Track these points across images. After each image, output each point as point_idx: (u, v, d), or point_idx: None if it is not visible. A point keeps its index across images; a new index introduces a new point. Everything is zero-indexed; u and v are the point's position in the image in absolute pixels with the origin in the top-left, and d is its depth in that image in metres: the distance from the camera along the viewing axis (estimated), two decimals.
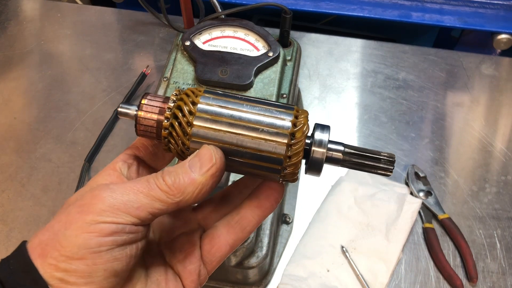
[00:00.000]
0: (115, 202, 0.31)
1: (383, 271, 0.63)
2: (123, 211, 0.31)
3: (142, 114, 0.35)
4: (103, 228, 0.30)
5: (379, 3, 0.91)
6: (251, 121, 0.34)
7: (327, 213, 0.68)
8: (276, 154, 0.33)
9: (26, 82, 0.86)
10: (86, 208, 0.31)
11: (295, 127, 0.34)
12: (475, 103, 0.83)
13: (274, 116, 0.34)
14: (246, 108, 0.34)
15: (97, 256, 0.30)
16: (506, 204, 0.71)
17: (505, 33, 0.87)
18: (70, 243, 0.30)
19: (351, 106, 0.82)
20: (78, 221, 0.30)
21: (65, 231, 0.30)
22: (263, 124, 0.34)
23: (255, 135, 0.33)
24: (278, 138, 0.33)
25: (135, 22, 0.93)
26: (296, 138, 0.34)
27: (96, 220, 0.30)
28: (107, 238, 0.30)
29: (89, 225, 0.30)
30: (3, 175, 0.74)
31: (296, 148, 0.34)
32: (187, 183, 0.32)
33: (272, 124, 0.33)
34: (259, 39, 0.64)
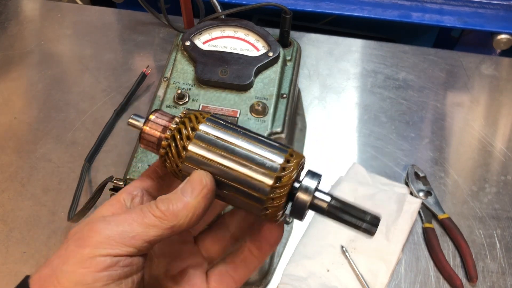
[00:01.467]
0: (110, 234, 0.31)
1: (383, 271, 0.63)
2: (119, 241, 0.31)
3: (147, 129, 0.37)
4: (98, 263, 0.30)
5: (379, 3, 0.91)
6: (242, 157, 0.34)
7: None
8: (260, 194, 0.34)
9: (26, 82, 0.86)
10: (83, 242, 0.31)
11: (283, 171, 0.34)
12: (475, 103, 0.83)
13: (266, 157, 0.34)
14: (241, 143, 0.35)
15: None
16: (506, 204, 0.71)
17: (505, 33, 0.87)
18: (67, 279, 0.30)
19: (351, 106, 0.82)
20: (75, 256, 0.31)
21: (62, 267, 0.31)
22: (254, 162, 0.34)
23: (243, 171, 0.34)
24: (264, 178, 0.34)
25: (135, 22, 0.94)
26: (282, 182, 0.34)
27: (93, 254, 0.31)
28: (103, 273, 0.30)
29: (86, 260, 0.31)
30: (3, 175, 0.74)
31: (280, 192, 0.34)
32: (180, 207, 0.33)
33: (262, 164, 0.34)
34: (259, 39, 0.64)
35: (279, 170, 0.34)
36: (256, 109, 0.59)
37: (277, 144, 0.36)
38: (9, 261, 0.66)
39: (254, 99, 0.60)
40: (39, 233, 0.68)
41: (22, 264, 0.66)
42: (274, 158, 0.34)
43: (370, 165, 0.75)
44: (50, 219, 0.69)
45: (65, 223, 0.68)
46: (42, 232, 0.68)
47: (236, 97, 0.60)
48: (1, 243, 0.67)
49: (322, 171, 0.34)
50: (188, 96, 0.60)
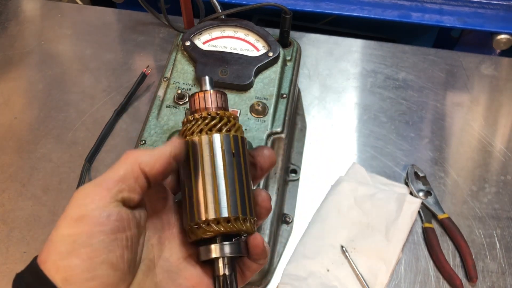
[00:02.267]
0: (92, 183, 0.33)
1: (383, 271, 0.63)
2: (102, 188, 0.33)
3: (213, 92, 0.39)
4: (90, 219, 0.31)
5: (379, 3, 0.91)
6: (216, 181, 0.36)
7: (327, 213, 0.68)
8: (196, 215, 0.36)
9: (26, 82, 0.86)
10: (69, 207, 0.32)
11: (225, 221, 0.35)
12: (475, 103, 0.83)
13: (229, 198, 0.36)
14: (227, 173, 0.36)
15: (90, 250, 0.30)
16: (505, 204, 0.71)
17: (505, 33, 0.87)
18: (62, 242, 0.31)
19: (351, 106, 0.82)
20: (66, 219, 0.32)
21: (56, 231, 0.32)
22: (219, 193, 0.36)
23: (206, 189, 0.36)
24: (210, 209, 0.35)
25: (135, 22, 0.94)
26: (213, 227, 0.35)
27: (82, 212, 0.31)
28: (95, 228, 0.31)
29: (76, 221, 0.31)
30: (4, 175, 0.74)
31: (204, 231, 0.35)
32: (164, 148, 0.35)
33: (221, 200, 0.35)
34: (259, 39, 0.65)
35: (227, 218, 0.35)
36: (256, 109, 0.59)
37: (248, 205, 0.37)
38: (10, 261, 0.66)
39: (254, 99, 0.60)
40: (40, 233, 0.68)
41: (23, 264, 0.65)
42: (233, 208, 0.35)
43: (370, 165, 0.75)
44: (51, 219, 0.69)
45: None
46: (42, 232, 0.68)
47: (236, 97, 0.60)
48: (2, 243, 0.67)
49: (322, 171, 0.34)
50: (188, 96, 0.60)
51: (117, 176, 0.33)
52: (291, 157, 0.75)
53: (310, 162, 0.75)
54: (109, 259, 0.31)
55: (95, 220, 0.31)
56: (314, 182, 0.73)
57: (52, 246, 0.31)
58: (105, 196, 0.32)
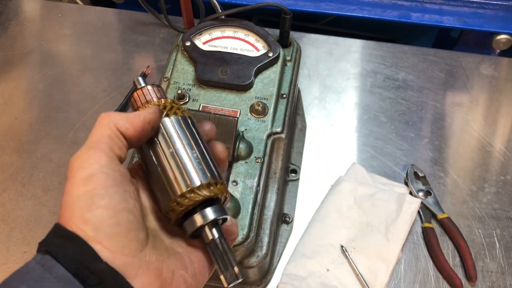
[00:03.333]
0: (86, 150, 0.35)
1: (383, 270, 0.63)
2: (99, 141, 0.35)
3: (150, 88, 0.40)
4: (99, 176, 0.33)
5: (378, 4, 0.91)
6: (183, 156, 0.37)
7: (327, 213, 0.69)
8: (171, 192, 0.37)
9: (27, 82, 0.86)
10: (73, 171, 0.34)
11: (200, 189, 0.37)
12: (475, 103, 0.83)
13: (197, 170, 0.37)
14: (191, 149, 0.38)
15: (109, 200, 0.32)
16: (505, 204, 0.71)
17: (504, 33, 0.88)
18: (81, 199, 0.32)
19: (351, 106, 0.82)
20: (74, 181, 0.33)
21: (69, 194, 0.33)
22: (186, 166, 0.37)
23: (174, 167, 0.37)
24: (183, 183, 0.36)
25: (136, 23, 0.94)
26: (189, 197, 0.36)
27: (89, 172, 0.33)
28: (107, 183, 0.33)
29: (86, 180, 0.33)
30: (4, 175, 0.74)
31: (185, 202, 0.36)
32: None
33: (190, 173, 0.37)
34: (259, 40, 0.65)
35: (199, 186, 0.36)
36: (256, 109, 0.59)
37: (215, 170, 0.38)
38: (10, 261, 0.66)
39: (254, 99, 0.61)
40: (40, 233, 0.68)
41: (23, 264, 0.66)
42: (202, 176, 0.37)
43: (370, 165, 0.75)
44: (51, 219, 0.70)
45: None
46: (42, 232, 0.68)
47: (236, 97, 0.61)
48: (2, 242, 0.68)
49: (322, 171, 0.34)
50: (188, 96, 0.60)
51: (103, 137, 0.35)
52: (291, 157, 0.75)
53: (310, 162, 0.75)
54: (128, 207, 0.33)
55: (104, 176, 0.33)
56: (314, 182, 0.73)
57: (72, 206, 0.32)
58: (102, 156, 0.34)
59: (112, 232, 0.32)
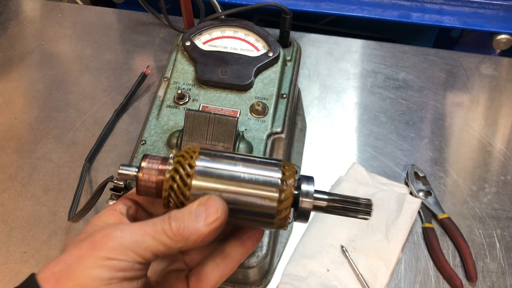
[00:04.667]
0: (124, 242, 0.33)
1: (383, 270, 0.63)
2: (132, 250, 0.33)
3: (143, 176, 0.37)
4: (115, 264, 0.32)
5: (379, 4, 0.91)
6: (245, 181, 0.36)
7: None
8: (269, 210, 0.36)
9: (27, 82, 0.86)
10: (98, 245, 0.33)
11: (284, 184, 0.37)
12: (475, 103, 0.83)
13: (265, 175, 0.37)
14: (240, 168, 0.37)
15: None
16: (505, 204, 0.71)
17: (505, 33, 0.87)
18: (84, 275, 0.32)
19: (351, 106, 0.82)
20: (90, 256, 0.32)
21: (78, 264, 0.32)
22: (257, 182, 0.36)
23: (250, 193, 0.36)
24: (270, 194, 0.36)
25: (136, 23, 0.94)
26: (286, 194, 0.36)
27: (108, 257, 0.32)
28: (118, 273, 0.32)
29: (102, 260, 0.32)
30: (4, 175, 0.74)
31: (286, 204, 0.37)
32: (191, 232, 0.34)
33: (264, 182, 0.36)
34: (259, 39, 0.65)
35: (280, 184, 0.36)
36: (256, 109, 0.59)
37: (270, 159, 0.38)
38: (10, 261, 0.66)
39: (254, 99, 0.61)
40: (40, 233, 0.68)
41: (23, 264, 0.66)
42: (272, 174, 0.37)
43: (370, 165, 0.75)
44: (51, 219, 0.70)
45: (66, 223, 0.69)
46: (42, 232, 0.68)
47: (236, 97, 0.61)
48: (2, 242, 0.68)
49: (322, 171, 0.34)
50: (188, 96, 0.60)
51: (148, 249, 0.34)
52: (291, 157, 0.75)
53: (310, 162, 0.75)
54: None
55: (121, 265, 0.33)
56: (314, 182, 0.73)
57: (71, 275, 0.32)
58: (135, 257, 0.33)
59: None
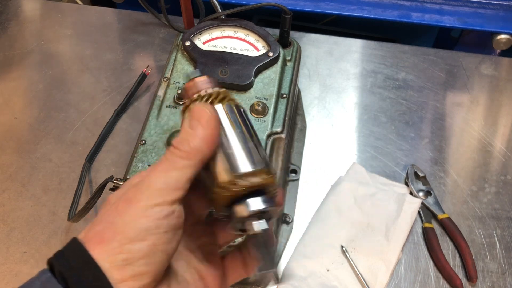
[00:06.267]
0: (156, 186, 0.33)
1: (383, 270, 0.63)
2: (167, 189, 0.33)
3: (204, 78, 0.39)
4: (157, 212, 0.32)
5: (379, 3, 0.91)
6: (243, 140, 0.37)
7: (327, 213, 0.69)
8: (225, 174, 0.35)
9: (27, 82, 0.86)
10: (134, 199, 0.33)
11: (257, 175, 0.35)
12: (475, 103, 0.83)
13: (257, 154, 0.36)
14: (241, 134, 0.37)
15: (156, 238, 0.32)
16: (505, 204, 0.71)
17: (505, 33, 0.87)
18: (131, 227, 0.32)
19: (351, 106, 0.82)
20: (131, 210, 0.33)
21: (121, 219, 0.32)
22: (248, 147, 0.36)
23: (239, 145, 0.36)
24: (243, 164, 0.35)
25: (135, 22, 0.94)
26: (244, 181, 0.35)
27: (149, 204, 0.32)
28: (163, 221, 0.32)
29: (143, 211, 0.32)
30: (4, 175, 0.74)
31: (236, 186, 0.35)
32: (199, 142, 0.35)
33: (251, 155, 0.36)
34: (259, 39, 0.65)
35: (257, 171, 0.35)
36: (256, 109, 0.59)
37: (268, 160, 0.37)
38: (10, 261, 0.66)
39: (254, 99, 0.60)
40: (40, 233, 0.68)
41: (23, 264, 0.66)
42: (256, 162, 0.36)
43: (370, 165, 0.75)
44: (51, 219, 0.70)
45: (66, 223, 0.69)
46: (42, 232, 0.68)
47: (236, 97, 0.60)
48: (2, 242, 0.68)
49: (322, 171, 0.34)
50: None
51: (179, 180, 0.34)
52: (291, 157, 0.75)
53: (310, 162, 0.75)
54: (167, 249, 0.33)
55: (164, 212, 0.33)
56: (314, 182, 0.73)
57: (117, 230, 0.32)
58: (171, 194, 0.33)
59: (139, 271, 0.31)
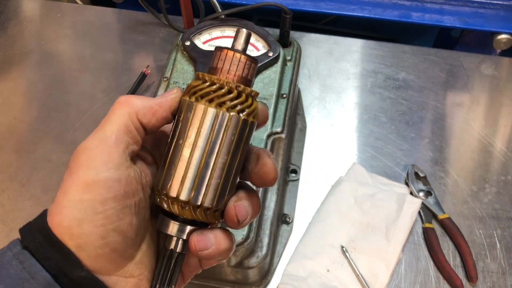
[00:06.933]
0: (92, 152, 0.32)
1: (383, 271, 0.63)
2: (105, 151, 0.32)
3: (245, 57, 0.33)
4: (102, 185, 0.30)
5: (379, 3, 0.91)
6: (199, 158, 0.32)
7: (327, 213, 0.68)
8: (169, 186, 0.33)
9: (26, 82, 0.86)
10: (74, 170, 0.32)
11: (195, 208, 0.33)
12: (475, 103, 0.83)
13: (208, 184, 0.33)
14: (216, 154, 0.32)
15: (102, 217, 0.30)
16: (506, 204, 0.71)
17: (505, 33, 0.87)
18: (75, 208, 0.30)
19: (351, 106, 0.82)
20: (76, 183, 0.31)
21: (66, 195, 0.31)
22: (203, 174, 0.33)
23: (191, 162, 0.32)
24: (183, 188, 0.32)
25: (135, 22, 0.93)
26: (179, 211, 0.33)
27: (93, 176, 0.31)
28: (108, 195, 0.30)
29: (87, 187, 0.31)
30: (3, 175, 0.74)
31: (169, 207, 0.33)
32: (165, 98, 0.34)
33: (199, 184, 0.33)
34: (259, 39, 0.64)
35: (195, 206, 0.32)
36: None
37: (224, 197, 0.33)
38: None
39: None
40: None
41: None
42: (208, 196, 0.32)
43: (370, 165, 0.75)
44: None
45: None
46: None
47: None
48: (1, 243, 0.67)
49: (322, 171, 0.33)
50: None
51: (120, 130, 0.32)
52: (291, 157, 0.74)
53: (310, 162, 0.75)
54: (120, 227, 0.31)
55: (107, 185, 0.31)
56: (314, 182, 0.73)
57: (64, 212, 0.31)
58: (114, 155, 0.31)
59: (95, 253, 0.30)
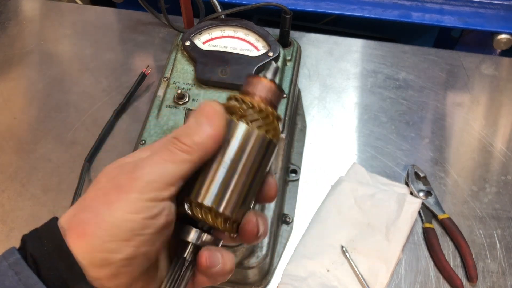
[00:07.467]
0: (150, 178, 0.31)
1: (383, 271, 0.63)
2: (160, 183, 0.31)
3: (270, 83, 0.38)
4: (148, 208, 0.31)
5: (379, 3, 0.91)
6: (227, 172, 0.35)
7: (327, 213, 0.68)
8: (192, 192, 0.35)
9: (26, 82, 0.86)
10: (125, 188, 0.31)
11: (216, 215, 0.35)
12: (475, 103, 0.83)
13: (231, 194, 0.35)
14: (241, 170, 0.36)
15: (140, 240, 0.30)
16: (506, 204, 0.71)
17: (505, 33, 0.87)
18: (116, 225, 0.30)
19: (351, 106, 0.82)
20: (121, 202, 0.30)
21: (109, 210, 0.30)
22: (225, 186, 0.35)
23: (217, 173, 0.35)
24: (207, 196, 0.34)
25: (135, 22, 0.93)
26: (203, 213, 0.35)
27: (141, 199, 0.31)
28: (152, 221, 0.31)
29: (135, 204, 0.30)
30: (3, 175, 0.74)
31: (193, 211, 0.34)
32: (205, 138, 0.33)
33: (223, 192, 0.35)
34: (259, 39, 0.64)
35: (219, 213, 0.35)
36: None
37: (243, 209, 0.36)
38: None
39: None
40: None
41: None
42: (231, 206, 0.35)
43: (370, 165, 0.75)
44: None
45: None
46: None
47: None
48: (1, 243, 0.67)
49: (322, 171, 0.33)
50: (188, 96, 0.60)
51: (174, 175, 0.32)
52: (291, 157, 0.74)
53: (310, 162, 0.75)
54: (149, 252, 0.32)
55: (154, 211, 0.31)
56: (314, 182, 0.73)
57: (102, 224, 0.30)
58: (164, 190, 0.32)
59: (116, 271, 0.30)
